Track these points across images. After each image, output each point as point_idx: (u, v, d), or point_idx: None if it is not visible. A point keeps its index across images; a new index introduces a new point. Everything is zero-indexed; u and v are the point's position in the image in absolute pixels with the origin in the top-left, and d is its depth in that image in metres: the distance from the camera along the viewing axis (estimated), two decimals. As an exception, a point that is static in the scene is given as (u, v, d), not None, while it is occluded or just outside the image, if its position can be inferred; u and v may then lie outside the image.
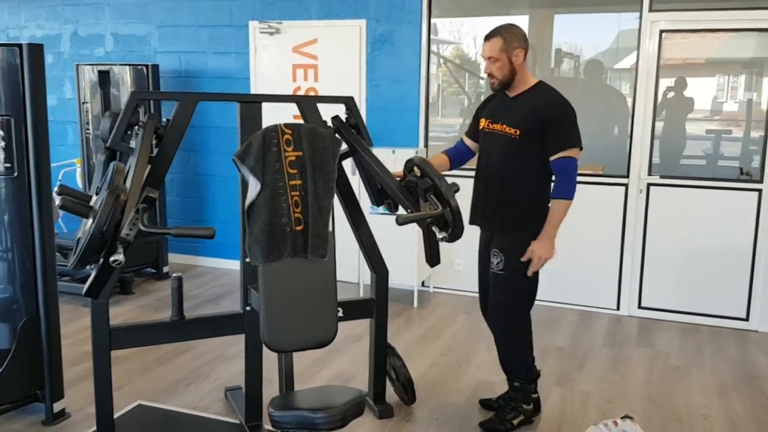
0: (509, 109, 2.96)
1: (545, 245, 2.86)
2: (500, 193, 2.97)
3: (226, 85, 5.58)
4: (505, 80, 2.91)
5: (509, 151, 2.91)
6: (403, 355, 3.40)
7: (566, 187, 2.81)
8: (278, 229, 2.32)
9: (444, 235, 2.58)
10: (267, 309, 2.31)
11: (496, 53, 2.86)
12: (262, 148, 2.31)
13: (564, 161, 2.81)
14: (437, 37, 5.21)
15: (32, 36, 6.15)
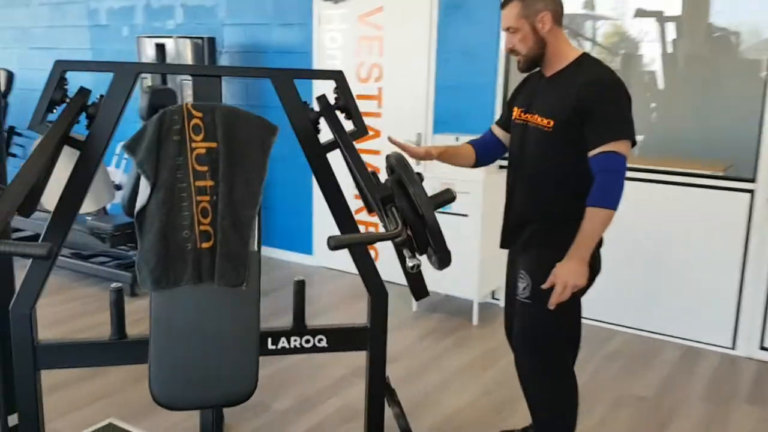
0: (544, 93, 2.27)
1: (572, 268, 2.11)
2: (531, 200, 2.32)
3: (289, 60, 5.07)
4: (532, 55, 2.24)
5: (542, 149, 2.23)
6: (441, 385, 2.74)
7: (606, 191, 2.06)
8: (175, 246, 1.73)
9: (415, 263, 1.84)
10: (156, 352, 1.74)
11: (514, 21, 2.20)
12: (157, 135, 1.72)
13: (606, 157, 2.07)
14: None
15: (110, 7, 6.00)
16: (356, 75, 4.79)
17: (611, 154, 2.07)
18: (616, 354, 3.76)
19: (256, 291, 1.79)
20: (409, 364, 3.59)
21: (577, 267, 2.11)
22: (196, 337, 1.75)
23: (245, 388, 1.78)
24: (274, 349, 2.45)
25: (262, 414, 3.01)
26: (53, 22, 6.42)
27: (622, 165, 2.08)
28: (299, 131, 2.33)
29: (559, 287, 2.12)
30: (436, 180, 4.07)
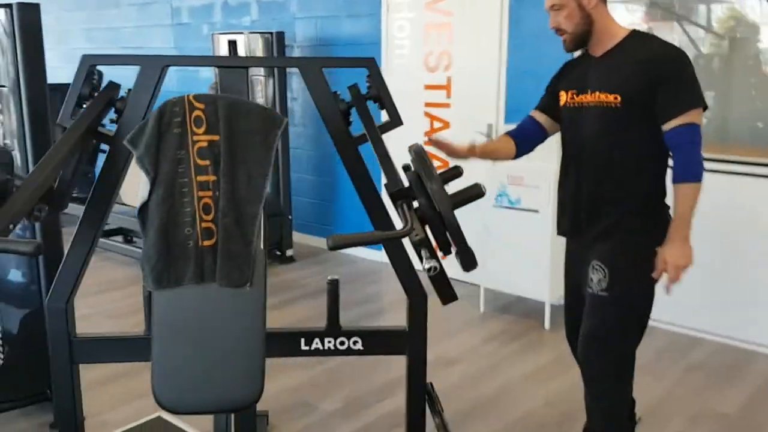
0: (600, 72, 2.13)
1: (680, 249, 2.03)
2: (601, 184, 2.15)
3: (358, 51, 4.95)
4: (579, 32, 2.12)
5: (610, 126, 2.10)
6: (500, 392, 2.59)
7: (692, 164, 2.01)
8: (177, 244, 1.65)
9: (432, 264, 1.67)
10: (159, 354, 1.67)
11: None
12: (157, 128, 1.65)
13: (685, 129, 2.00)
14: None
15: (191, 6, 6.12)
16: (425, 64, 4.62)
17: (689, 125, 2.00)
18: (700, 365, 3.42)
19: (261, 291, 1.68)
20: (469, 368, 3.40)
21: (683, 248, 2.03)
22: (198, 339, 1.67)
23: (250, 393, 1.68)
24: (307, 350, 2.36)
25: (308, 414, 2.93)
26: (140, 22, 6.64)
27: (699, 135, 2.01)
28: (328, 122, 2.21)
29: (672, 271, 2.02)
30: (503, 173, 3.85)
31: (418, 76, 4.66)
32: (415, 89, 4.67)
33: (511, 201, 3.87)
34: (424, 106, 4.65)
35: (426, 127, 4.67)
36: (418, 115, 4.68)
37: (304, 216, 5.51)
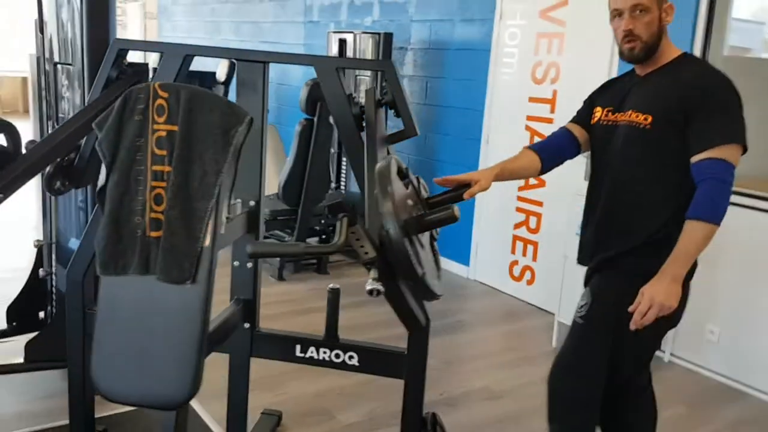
0: (639, 91, 1.99)
1: (666, 286, 1.80)
2: (621, 210, 2.00)
3: (468, 57, 4.80)
4: (651, 44, 1.94)
5: (638, 149, 1.94)
6: None
7: (711, 203, 1.78)
8: (127, 232, 1.63)
9: (373, 287, 1.50)
10: (99, 338, 1.66)
11: (649, 1, 1.91)
12: (120, 114, 1.64)
13: (713, 164, 1.79)
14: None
15: (322, 4, 6.25)
16: (531, 75, 4.35)
17: (719, 161, 1.79)
18: None
19: (205, 290, 1.62)
20: (516, 405, 3.14)
21: (668, 285, 1.80)
22: (137, 330, 1.64)
23: (181, 392, 1.62)
24: (301, 357, 2.29)
25: (324, 423, 2.85)
26: (277, 18, 6.90)
27: (731, 175, 1.81)
28: (340, 125, 2.12)
29: (644, 305, 1.80)
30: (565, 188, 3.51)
31: (523, 87, 4.40)
32: (518, 101, 4.42)
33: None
34: (526, 119, 4.39)
35: (526, 141, 4.39)
36: (519, 128, 4.42)
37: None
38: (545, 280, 4.30)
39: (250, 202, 2.21)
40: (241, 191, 2.21)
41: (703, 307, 3.56)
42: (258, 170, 2.20)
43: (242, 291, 2.29)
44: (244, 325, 2.31)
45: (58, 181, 2.16)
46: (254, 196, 2.21)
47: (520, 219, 4.51)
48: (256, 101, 2.15)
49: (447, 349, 3.68)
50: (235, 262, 2.26)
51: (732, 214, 3.29)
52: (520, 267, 4.54)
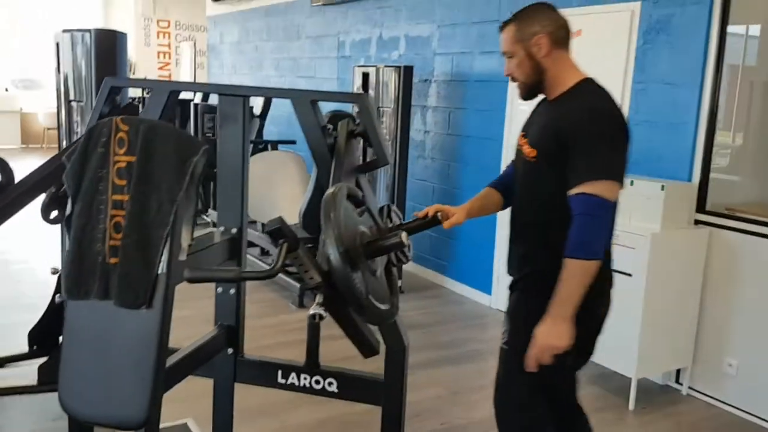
0: (539, 119, 2.04)
1: (554, 328, 1.83)
2: (521, 237, 2.08)
3: (487, 89, 4.83)
4: (530, 82, 1.99)
5: (528, 180, 2.02)
6: None
7: (580, 240, 1.78)
8: (89, 258, 1.72)
9: (315, 311, 1.54)
10: (65, 358, 1.75)
11: (510, 46, 1.99)
12: (84, 146, 1.74)
13: (583, 200, 1.79)
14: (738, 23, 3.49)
15: (353, 40, 6.41)
16: (548, 105, 4.34)
17: (590, 196, 1.78)
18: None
19: (161, 315, 1.69)
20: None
21: (555, 327, 1.83)
22: (98, 353, 1.71)
23: (136, 415, 1.68)
24: (283, 384, 2.34)
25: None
26: (313, 54, 7.10)
27: (602, 210, 1.79)
28: (316, 156, 2.19)
29: (536, 350, 1.87)
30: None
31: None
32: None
33: (605, 260, 3.46)
34: (543, 148, 4.36)
35: (543, 171, 4.37)
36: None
37: (420, 248, 5.44)
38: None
39: (232, 229, 2.28)
40: (223, 219, 2.30)
41: (720, 340, 3.45)
42: (240, 199, 2.28)
43: (225, 317, 2.35)
44: (227, 351, 2.37)
45: (53, 211, 2.29)
46: (236, 223, 2.28)
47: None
48: (236, 133, 2.24)
49: (457, 379, 3.65)
50: (219, 289, 2.33)
51: (750, 243, 3.21)
52: (540, 297, 4.48)
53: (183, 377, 2.08)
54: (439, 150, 5.33)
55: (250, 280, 1.48)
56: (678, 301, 3.45)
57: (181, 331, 2.24)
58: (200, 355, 2.18)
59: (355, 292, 1.57)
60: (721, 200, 3.55)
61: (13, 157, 11.20)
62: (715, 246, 3.46)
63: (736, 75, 3.68)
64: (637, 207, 3.39)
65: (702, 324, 3.52)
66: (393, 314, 1.74)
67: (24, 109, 13.38)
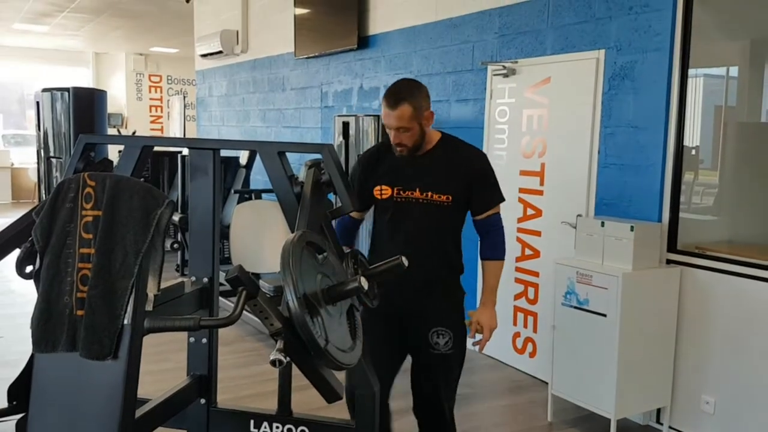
0: (422, 172, 2.51)
1: (492, 314, 2.58)
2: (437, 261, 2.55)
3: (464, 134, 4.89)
4: (415, 146, 2.49)
5: (440, 219, 2.52)
6: None
7: (500, 246, 2.59)
8: (57, 311, 1.77)
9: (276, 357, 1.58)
10: (32, 414, 1.78)
11: (407, 122, 2.42)
12: (53, 202, 1.81)
13: (497, 218, 2.57)
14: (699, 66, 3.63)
15: (335, 90, 6.57)
16: (522, 150, 4.45)
17: (498, 215, 2.57)
18: None
19: (126, 366, 1.73)
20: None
21: (493, 313, 2.57)
22: (65, 404, 1.75)
23: (102, 467, 1.71)
24: (255, 433, 2.35)
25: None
26: (298, 104, 7.26)
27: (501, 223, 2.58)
28: (284, 204, 2.26)
29: (488, 333, 2.56)
30: (572, 270, 3.53)
31: (514, 161, 4.51)
32: (511, 174, 4.50)
33: (580, 301, 3.52)
34: (519, 191, 4.46)
35: (519, 213, 4.46)
36: (512, 201, 4.48)
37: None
38: (546, 351, 4.24)
39: (203, 279, 2.33)
40: (194, 269, 2.35)
41: (697, 378, 3.48)
42: (210, 249, 2.33)
43: (197, 366, 2.38)
44: (200, 401, 2.39)
45: (28, 265, 2.34)
46: (207, 273, 2.33)
47: (520, 290, 4.51)
48: (207, 185, 2.31)
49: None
50: (191, 339, 2.36)
51: (721, 281, 3.28)
52: (522, 339, 4.51)
53: (154, 428, 2.09)
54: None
55: (209, 328, 1.52)
56: (653, 340, 3.49)
57: (163, 383, 2.27)
58: (171, 406, 2.20)
59: (314, 338, 1.61)
60: (691, 239, 3.63)
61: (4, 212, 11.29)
62: (687, 284, 3.51)
63: (718, 114, 3.82)
64: (608, 248, 3.47)
65: (678, 362, 3.55)
66: (353, 360, 1.78)
67: (15, 165, 13.51)
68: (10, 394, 3.36)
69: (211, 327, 1.53)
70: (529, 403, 3.99)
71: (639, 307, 3.39)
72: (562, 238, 4.09)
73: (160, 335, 2.13)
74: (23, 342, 4.44)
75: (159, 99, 15.78)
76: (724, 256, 3.40)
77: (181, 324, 1.64)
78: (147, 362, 1.87)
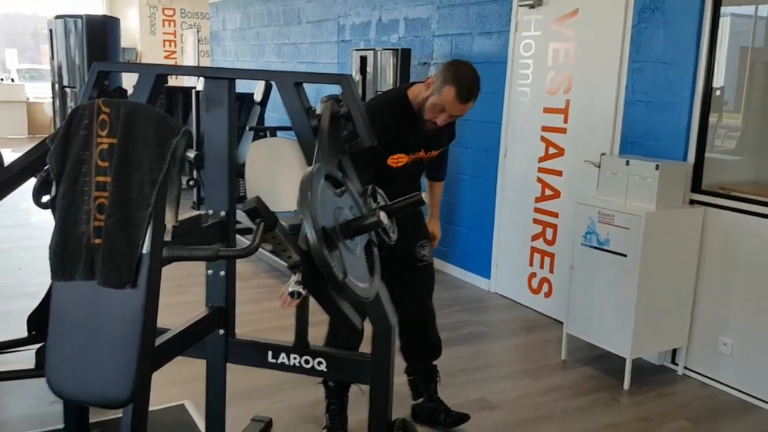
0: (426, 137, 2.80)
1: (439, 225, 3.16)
2: None
3: (486, 70, 4.78)
4: None
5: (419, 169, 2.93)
6: None
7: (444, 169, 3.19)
8: (74, 240, 1.74)
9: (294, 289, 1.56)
10: (51, 341, 1.78)
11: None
12: (67, 129, 1.76)
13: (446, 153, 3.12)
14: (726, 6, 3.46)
15: (353, 23, 6.39)
16: (546, 86, 4.33)
17: None
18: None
19: (144, 295, 1.71)
20: (511, 416, 3.11)
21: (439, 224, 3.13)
22: (84, 331, 1.74)
23: (123, 392, 1.71)
24: (273, 363, 2.36)
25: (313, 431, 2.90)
26: (314, 39, 7.10)
27: None
28: (300, 137, 2.20)
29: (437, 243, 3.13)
30: (593, 209, 3.47)
31: (538, 97, 4.39)
32: (534, 112, 4.40)
33: (600, 241, 3.46)
34: (541, 130, 4.36)
35: (541, 152, 4.37)
36: (534, 138, 4.40)
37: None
38: (563, 292, 4.23)
39: (220, 212, 2.30)
40: (210, 203, 2.32)
41: (715, 319, 3.45)
42: (226, 182, 2.29)
43: (216, 298, 2.37)
44: (218, 332, 2.39)
45: (44, 195, 2.32)
46: (224, 206, 2.30)
47: (537, 230, 4.47)
48: (222, 116, 2.25)
49: (452, 361, 3.66)
50: (209, 271, 2.35)
51: (744, 222, 3.21)
52: (538, 279, 4.49)
53: (172, 357, 2.10)
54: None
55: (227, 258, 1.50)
56: (673, 281, 3.45)
57: (181, 315, 2.27)
58: (191, 336, 2.21)
59: (332, 271, 1.58)
60: (716, 180, 3.54)
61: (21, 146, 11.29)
62: (710, 225, 3.45)
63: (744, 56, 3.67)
64: (632, 187, 3.39)
65: (697, 304, 3.52)
66: (371, 293, 1.76)
67: (30, 99, 13.46)
68: (30, 324, 3.42)
69: (230, 257, 1.51)
70: (543, 342, 4.00)
71: (660, 247, 3.34)
72: (584, 177, 4.01)
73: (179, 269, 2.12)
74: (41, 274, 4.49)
75: (173, 33, 15.52)
76: (749, 197, 3.33)
77: (200, 254, 1.62)
78: (166, 295, 1.86)
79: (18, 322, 3.59)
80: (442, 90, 2.63)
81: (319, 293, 1.72)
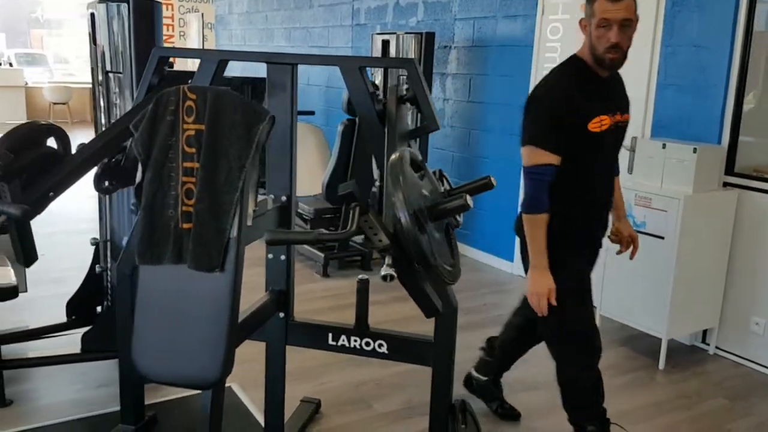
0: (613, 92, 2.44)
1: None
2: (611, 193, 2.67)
3: (510, 54, 4.82)
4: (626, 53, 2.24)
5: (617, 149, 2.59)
6: None
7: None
8: (161, 224, 1.76)
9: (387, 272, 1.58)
10: (138, 323, 1.80)
11: (632, 14, 2.17)
12: (153, 115, 1.77)
13: None
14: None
15: (368, 7, 6.36)
16: (572, 70, 4.34)
17: None
18: None
19: (232, 278, 1.74)
20: (552, 395, 3.15)
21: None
22: (172, 314, 1.77)
23: (212, 372, 1.74)
24: (333, 346, 2.40)
25: (361, 411, 2.95)
26: (327, 23, 7.06)
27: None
28: (363, 121, 2.22)
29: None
30: (631, 192, 3.50)
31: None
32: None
33: (636, 223, 3.50)
34: (568, 114, 4.37)
35: (567, 136, 4.38)
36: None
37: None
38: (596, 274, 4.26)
39: (282, 197, 2.32)
40: (273, 187, 2.34)
41: (747, 300, 3.50)
42: (288, 167, 2.31)
43: (276, 282, 2.40)
44: (279, 315, 2.42)
45: (106, 181, 2.33)
46: (285, 191, 2.32)
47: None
48: (285, 101, 2.27)
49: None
50: (269, 255, 2.37)
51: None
52: (564, 262, 4.52)
53: (242, 341, 2.13)
54: (459, 118, 5.34)
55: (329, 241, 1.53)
56: (707, 263, 3.50)
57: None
58: (256, 320, 2.24)
59: (425, 254, 1.61)
60: (749, 162, 3.58)
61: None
62: (743, 207, 3.49)
63: None
64: (668, 170, 3.42)
65: (729, 284, 3.57)
66: (456, 276, 1.79)
67: (29, 84, 13.34)
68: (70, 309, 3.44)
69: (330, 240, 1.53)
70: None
71: (697, 229, 3.38)
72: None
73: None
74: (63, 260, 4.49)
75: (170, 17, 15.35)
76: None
77: (302, 237, 1.64)
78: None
79: (46, 307, 3.61)
80: (593, 6, 2.24)
81: (405, 276, 1.75)
